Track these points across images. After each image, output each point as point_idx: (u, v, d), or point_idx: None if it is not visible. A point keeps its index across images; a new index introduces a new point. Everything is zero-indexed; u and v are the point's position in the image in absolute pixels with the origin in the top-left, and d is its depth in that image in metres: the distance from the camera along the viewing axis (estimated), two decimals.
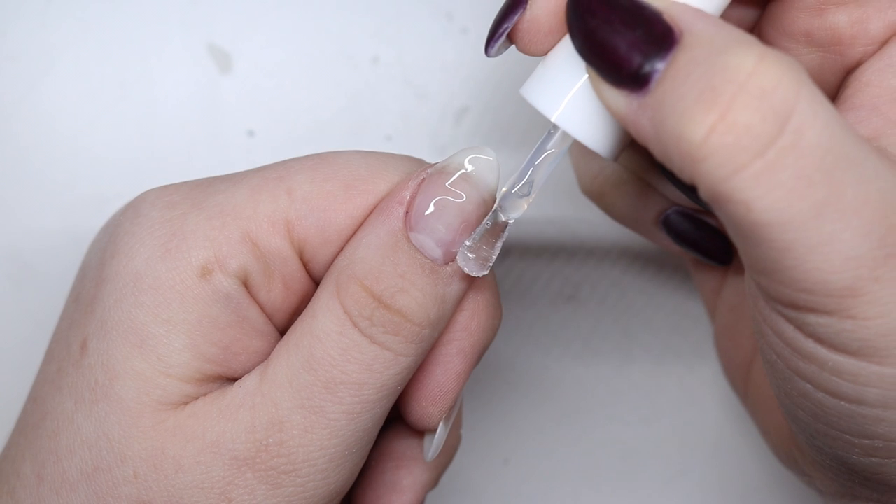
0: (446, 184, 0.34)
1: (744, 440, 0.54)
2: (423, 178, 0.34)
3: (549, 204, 0.50)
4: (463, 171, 0.35)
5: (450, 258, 0.35)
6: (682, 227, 0.42)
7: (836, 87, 0.37)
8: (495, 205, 0.35)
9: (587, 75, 0.32)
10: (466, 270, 0.34)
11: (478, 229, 0.35)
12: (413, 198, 0.34)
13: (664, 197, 0.42)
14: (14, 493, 0.35)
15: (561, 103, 0.33)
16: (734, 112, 0.28)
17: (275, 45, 0.49)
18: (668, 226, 0.42)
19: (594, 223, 0.50)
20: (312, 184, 0.35)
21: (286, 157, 0.36)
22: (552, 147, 0.34)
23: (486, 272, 0.35)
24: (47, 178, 0.48)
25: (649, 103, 0.30)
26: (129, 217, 0.35)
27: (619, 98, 0.31)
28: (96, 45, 0.48)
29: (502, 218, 0.35)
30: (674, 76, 0.29)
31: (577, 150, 0.43)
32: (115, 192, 0.47)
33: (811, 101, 0.29)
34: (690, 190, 0.39)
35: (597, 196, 0.43)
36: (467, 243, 0.34)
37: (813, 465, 0.39)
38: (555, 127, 0.34)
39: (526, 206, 0.35)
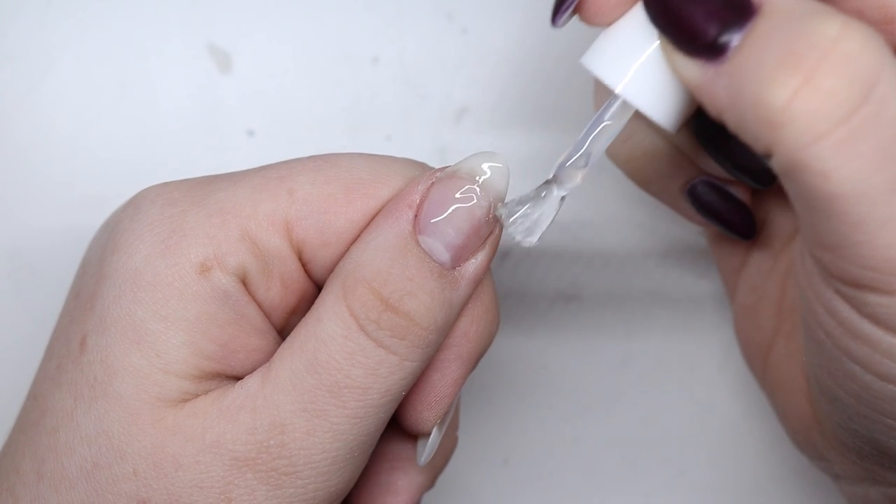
0: (456, 188, 0.34)
1: (746, 439, 0.54)
2: (433, 182, 0.34)
3: None
4: (473, 175, 0.35)
5: (458, 262, 0.35)
6: (708, 198, 0.42)
7: None
8: (550, 174, 0.35)
9: (654, 46, 0.32)
10: (516, 236, 0.34)
11: (526, 194, 0.34)
12: (423, 201, 0.34)
13: (693, 165, 0.41)
14: (13, 490, 0.35)
15: (626, 74, 0.32)
16: (819, 77, 0.28)
17: (275, 45, 0.49)
18: (693, 196, 0.42)
19: (594, 223, 0.50)
20: (314, 185, 0.34)
21: (286, 157, 0.36)
22: (610, 118, 0.34)
23: (533, 240, 0.34)
24: (47, 178, 0.48)
25: (726, 71, 0.30)
26: (129, 214, 0.35)
27: (694, 67, 0.31)
28: (96, 45, 0.48)
29: (556, 190, 0.35)
30: (754, 43, 0.29)
31: None
32: (115, 192, 0.47)
33: (895, 72, 0.28)
34: (734, 163, 0.39)
35: (624, 161, 0.42)
36: (514, 206, 0.34)
37: (835, 448, 0.39)
38: (615, 97, 0.34)
39: (580, 179, 0.35)
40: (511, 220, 0.35)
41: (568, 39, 0.39)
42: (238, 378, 0.35)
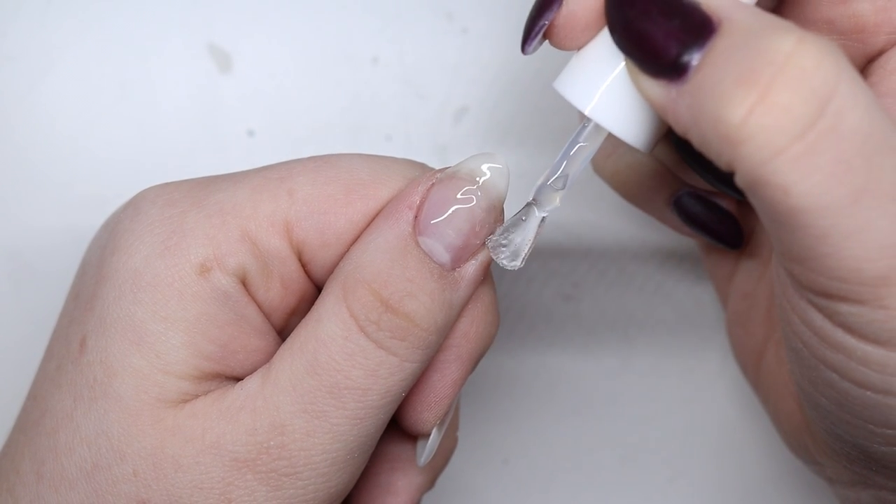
0: (457, 189, 0.34)
1: (744, 440, 0.54)
2: (433, 183, 0.34)
3: None
4: (473, 176, 0.35)
5: (458, 263, 0.35)
6: (694, 209, 0.42)
7: None
8: (530, 198, 0.35)
9: (619, 68, 0.32)
10: (501, 262, 0.34)
11: (509, 220, 0.35)
12: (423, 202, 0.34)
13: (677, 178, 0.42)
14: (13, 490, 0.35)
15: (594, 96, 0.33)
16: (774, 93, 0.28)
17: (275, 45, 0.49)
18: (679, 208, 0.42)
19: (593, 223, 0.50)
20: (314, 186, 0.34)
21: (286, 157, 0.36)
22: (585, 140, 0.34)
23: (517, 264, 0.35)
24: (47, 178, 0.48)
25: (687, 91, 0.30)
26: (130, 214, 0.35)
27: (658, 88, 0.31)
28: (96, 45, 0.48)
29: (536, 212, 0.35)
30: (712, 62, 0.29)
31: None
32: (115, 192, 0.47)
33: (851, 84, 0.28)
34: (716, 176, 0.39)
35: (609, 175, 0.43)
36: (497, 235, 0.34)
37: (826, 453, 0.39)
38: (588, 120, 0.34)
39: (559, 201, 0.35)
40: (493, 247, 0.35)
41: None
42: (238, 379, 0.35)
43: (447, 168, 0.35)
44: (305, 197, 0.34)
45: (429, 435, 0.37)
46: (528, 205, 0.35)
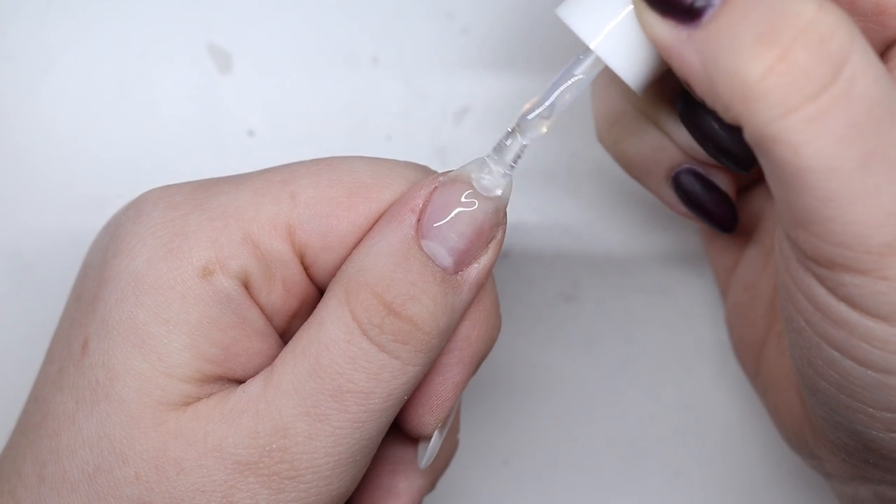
0: (460, 192, 0.34)
1: (744, 440, 0.54)
2: (436, 186, 0.34)
3: (549, 204, 0.50)
4: (476, 180, 0.35)
5: (461, 267, 0.35)
6: (692, 187, 0.42)
7: None
8: (513, 124, 0.35)
9: (630, 5, 0.32)
10: (480, 190, 0.34)
11: (493, 147, 0.35)
12: (426, 205, 0.34)
13: (680, 151, 0.42)
14: (15, 492, 0.35)
15: (602, 30, 0.33)
16: (794, 54, 0.29)
17: (275, 45, 0.49)
18: (677, 184, 0.42)
19: (594, 223, 0.50)
20: (316, 189, 0.34)
21: (286, 158, 0.36)
22: (581, 73, 0.34)
23: (498, 193, 0.34)
24: (47, 178, 0.48)
25: (700, 37, 0.30)
26: (131, 217, 0.35)
27: (666, 29, 0.31)
28: (96, 45, 0.48)
29: (520, 139, 0.35)
30: (730, 13, 0.30)
31: (600, 94, 0.43)
32: (116, 193, 0.47)
33: (864, 53, 0.29)
34: (718, 148, 0.39)
35: (612, 143, 0.42)
36: (482, 161, 0.34)
37: (825, 445, 0.39)
38: (586, 53, 0.34)
39: (545, 129, 0.35)
40: (474, 176, 0.35)
41: (569, 40, 0.39)
42: (240, 381, 0.35)
43: (450, 171, 0.35)
44: (308, 200, 0.34)
45: (430, 437, 0.37)
46: (512, 132, 0.35)
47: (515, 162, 0.35)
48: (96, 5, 0.47)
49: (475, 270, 0.35)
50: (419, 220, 0.34)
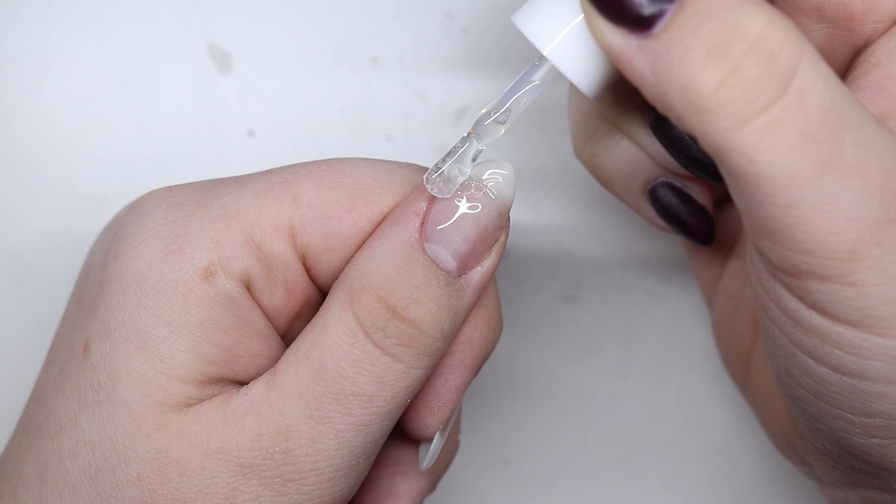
0: (463, 195, 0.34)
1: (744, 440, 0.54)
2: None
3: (549, 205, 0.50)
4: (480, 183, 0.35)
5: (464, 270, 0.35)
6: (668, 200, 0.42)
7: (845, 66, 0.37)
8: (469, 129, 0.35)
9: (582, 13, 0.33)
10: (432, 191, 0.34)
11: (449, 151, 0.35)
12: (429, 208, 0.34)
13: (655, 164, 0.42)
14: (16, 493, 0.35)
15: (556, 37, 0.33)
16: (744, 69, 0.29)
17: (275, 45, 0.49)
18: (654, 197, 0.42)
19: (594, 224, 0.50)
20: (318, 190, 0.34)
21: (286, 158, 0.36)
22: (537, 79, 0.35)
23: (448, 195, 0.34)
24: (47, 178, 0.48)
25: (652, 47, 0.30)
26: (133, 218, 0.35)
27: (617, 36, 0.31)
28: (96, 45, 0.48)
29: (476, 143, 0.35)
30: (682, 25, 0.30)
31: (575, 110, 0.43)
32: (116, 193, 0.47)
33: (813, 64, 0.30)
34: (690, 160, 0.39)
35: (588, 158, 0.43)
36: (437, 165, 0.35)
37: (813, 452, 0.39)
38: (541, 59, 0.34)
39: (502, 132, 0.35)
40: (427, 178, 0.35)
41: None
42: (241, 383, 0.35)
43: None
44: (310, 201, 0.34)
45: (431, 439, 0.37)
46: (468, 136, 0.35)
47: (469, 170, 0.35)
48: (96, 5, 0.47)
49: (478, 273, 0.35)
50: (423, 222, 0.34)
